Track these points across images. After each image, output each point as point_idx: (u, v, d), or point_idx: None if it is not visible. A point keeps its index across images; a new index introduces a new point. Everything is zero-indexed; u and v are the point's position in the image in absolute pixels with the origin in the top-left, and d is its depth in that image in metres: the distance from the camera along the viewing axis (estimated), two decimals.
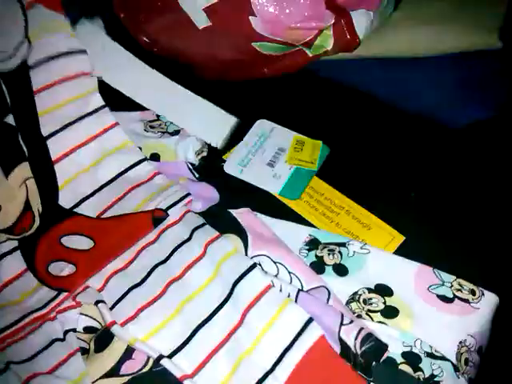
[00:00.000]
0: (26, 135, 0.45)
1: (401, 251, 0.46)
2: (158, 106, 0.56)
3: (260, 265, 0.44)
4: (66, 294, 0.43)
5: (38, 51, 0.46)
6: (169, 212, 0.47)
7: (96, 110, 0.51)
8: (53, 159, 0.47)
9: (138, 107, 0.56)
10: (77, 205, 0.47)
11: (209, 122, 0.56)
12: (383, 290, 0.43)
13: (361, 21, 0.52)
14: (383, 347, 0.38)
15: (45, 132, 0.47)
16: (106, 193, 0.49)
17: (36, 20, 0.47)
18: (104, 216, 0.47)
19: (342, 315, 0.39)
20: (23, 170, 0.44)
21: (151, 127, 0.55)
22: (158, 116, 0.56)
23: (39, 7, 0.47)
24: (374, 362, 0.38)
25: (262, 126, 0.56)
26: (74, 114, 0.49)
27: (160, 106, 0.56)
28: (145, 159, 0.52)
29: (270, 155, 0.53)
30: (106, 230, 0.46)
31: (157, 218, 0.46)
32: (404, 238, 0.47)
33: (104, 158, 0.50)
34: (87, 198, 0.48)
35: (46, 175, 0.46)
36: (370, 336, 0.38)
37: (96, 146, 0.50)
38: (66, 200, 0.47)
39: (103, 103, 0.51)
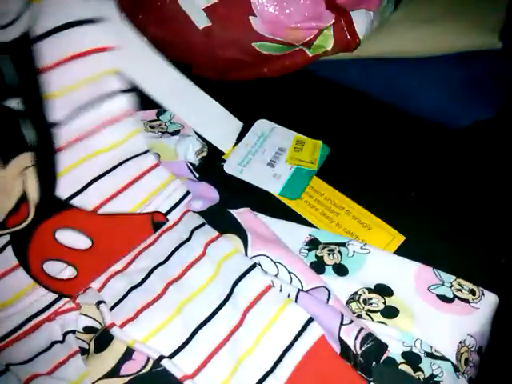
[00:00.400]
0: (31, 121, 0.39)
1: (401, 251, 0.46)
2: (168, 102, 0.54)
3: (260, 265, 0.44)
4: (67, 299, 0.42)
5: (45, 18, 0.38)
6: (169, 214, 0.47)
7: (112, 94, 0.44)
8: (57, 147, 0.42)
9: (138, 107, 0.56)
10: (74, 195, 0.44)
11: (218, 125, 0.56)
12: (383, 290, 0.43)
13: (361, 21, 0.52)
14: (383, 347, 0.38)
15: (53, 118, 0.41)
16: (104, 183, 0.46)
17: None
18: (101, 210, 0.45)
19: (342, 315, 0.39)
20: (24, 160, 0.40)
21: (151, 127, 0.55)
22: (157, 116, 0.56)
23: None
24: (374, 362, 0.38)
25: (261, 126, 0.56)
26: (88, 97, 0.43)
27: (171, 102, 0.54)
28: (148, 150, 0.49)
29: (270, 155, 0.53)
30: (104, 230, 0.45)
31: (157, 222, 0.46)
32: (404, 238, 0.47)
33: (112, 147, 0.46)
34: (85, 187, 0.45)
35: (47, 165, 0.42)
36: (369, 336, 0.38)
37: (108, 134, 0.45)
38: (62, 190, 0.44)
39: (122, 86, 0.45)
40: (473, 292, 0.42)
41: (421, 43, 0.55)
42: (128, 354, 0.39)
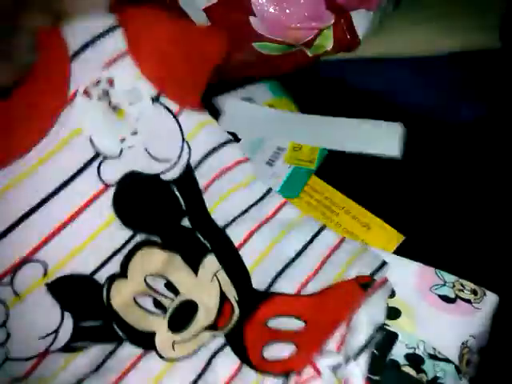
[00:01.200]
0: (204, 233, 0.43)
1: (401, 251, 0.46)
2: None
3: None
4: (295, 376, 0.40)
5: (196, 151, 0.44)
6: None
7: (263, 197, 0.47)
8: (237, 245, 0.44)
9: None
10: (271, 284, 0.43)
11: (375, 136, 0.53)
12: None
13: (361, 21, 0.52)
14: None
15: (220, 224, 0.44)
16: (301, 263, 0.45)
17: (187, 123, 0.44)
18: (306, 289, 0.43)
19: None
20: (211, 265, 0.42)
21: None
22: None
23: (187, 111, 0.44)
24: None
25: None
26: (242, 203, 0.46)
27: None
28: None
29: (269, 154, 0.53)
30: (313, 309, 0.42)
31: (364, 283, 0.42)
32: (404, 237, 0.47)
33: (283, 235, 0.46)
34: (279, 275, 0.44)
35: (234, 263, 0.43)
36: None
37: (269, 225, 0.46)
38: (259, 282, 0.43)
39: (267, 188, 0.48)
40: (474, 292, 0.42)
41: (420, 43, 0.55)
42: None
